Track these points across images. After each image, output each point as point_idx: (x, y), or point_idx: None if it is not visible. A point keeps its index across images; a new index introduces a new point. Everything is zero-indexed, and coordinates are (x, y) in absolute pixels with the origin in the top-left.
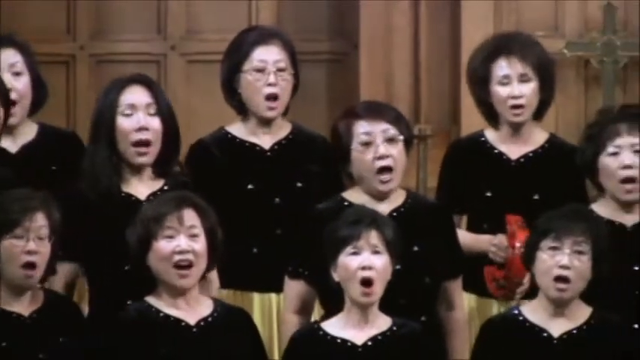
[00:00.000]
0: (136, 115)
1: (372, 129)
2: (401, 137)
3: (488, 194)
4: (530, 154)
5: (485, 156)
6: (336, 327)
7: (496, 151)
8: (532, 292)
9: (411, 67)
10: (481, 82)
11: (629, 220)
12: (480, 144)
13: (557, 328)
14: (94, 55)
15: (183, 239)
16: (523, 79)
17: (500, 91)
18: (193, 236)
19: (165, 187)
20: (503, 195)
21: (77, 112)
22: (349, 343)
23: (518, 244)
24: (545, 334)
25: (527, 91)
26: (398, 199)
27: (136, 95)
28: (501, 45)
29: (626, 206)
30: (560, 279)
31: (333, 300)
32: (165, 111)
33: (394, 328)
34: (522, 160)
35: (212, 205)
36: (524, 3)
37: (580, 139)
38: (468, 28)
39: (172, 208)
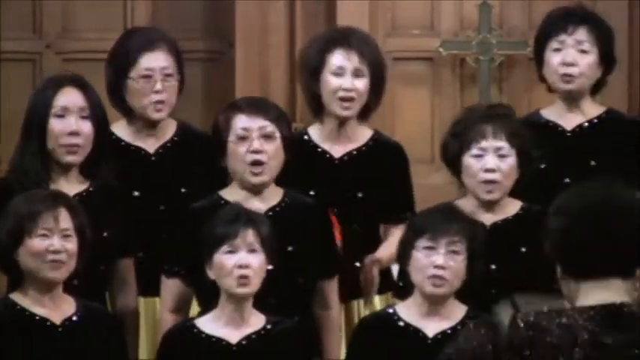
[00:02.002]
0: (69, 119)
1: (250, 124)
2: (278, 135)
3: (313, 192)
4: (354, 152)
5: (308, 155)
6: (210, 325)
7: (319, 149)
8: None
9: (286, 66)
10: (313, 71)
11: (488, 219)
12: (304, 142)
13: (431, 327)
14: None
15: (57, 239)
16: (357, 73)
17: (331, 81)
18: (66, 236)
19: (91, 189)
20: (327, 193)
21: None
22: (223, 342)
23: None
24: (419, 334)
25: (360, 86)
26: (274, 197)
27: (70, 97)
28: (341, 37)
29: (487, 205)
30: (435, 278)
31: (210, 298)
32: (97, 114)
33: (268, 327)
34: (346, 157)
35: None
36: (400, 2)
37: (445, 134)
38: None
39: (48, 207)
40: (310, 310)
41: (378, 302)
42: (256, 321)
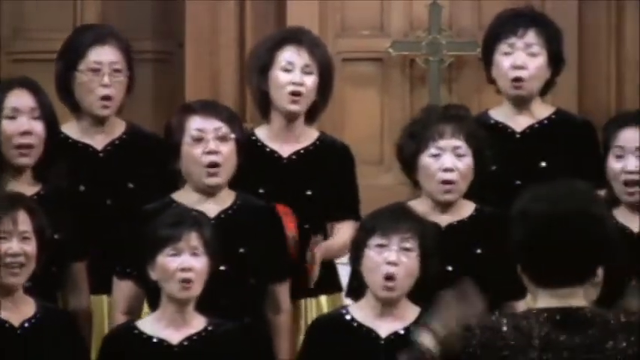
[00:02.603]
0: (20, 119)
1: (205, 125)
2: (233, 136)
3: (261, 191)
4: (302, 152)
5: (257, 153)
6: (151, 326)
7: (267, 149)
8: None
9: (236, 66)
10: (262, 69)
11: (443, 220)
12: (251, 142)
13: (385, 328)
14: None
15: (16, 242)
16: (306, 70)
17: (281, 76)
18: (25, 238)
19: (42, 192)
20: (276, 192)
21: None
22: (165, 343)
23: (287, 232)
24: (372, 335)
25: (309, 82)
26: (226, 200)
27: (20, 99)
28: (291, 35)
29: (442, 206)
30: (388, 277)
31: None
32: (48, 115)
33: (209, 328)
34: (294, 157)
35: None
36: (350, 3)
37: (401, 134)
38: None
39: (6, 209)
40: (262, 312)
41: (325, 303)
42: (198, 322)
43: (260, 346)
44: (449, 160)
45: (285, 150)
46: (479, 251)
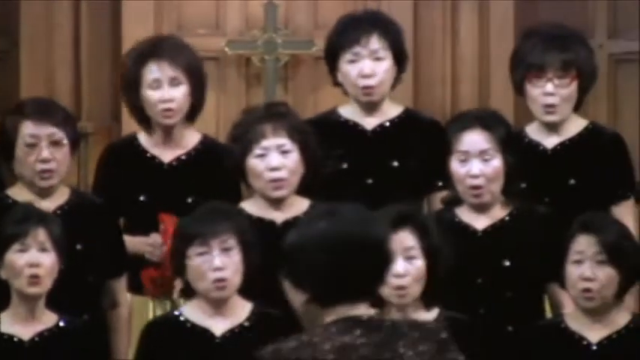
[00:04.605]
0: None
1: (38, 132)
2: (66, 141)
3: (142, 198)
4: (183, 157)
5: (138, 160)
6: (2, 323)
7: (149, 154)
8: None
9: (72, 65)
10: (132, 86)
11: (279, 217)
12: (133, 147)
13: (219, 327)
14: None
15: None
16: (173, 82)
17: (150, 95)
18: None
19: None
20: (157, 198)
21: None
22: (15, 339)
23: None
24: (208, 334)
25: (178, 95)
26: (62, 196)
27: None
28: (151, 49)
29: (275, 203)
30: (217, 281)
31: (5, 298)
32: None
33: (60, 324)
34: (175, 163)
35: None
36: (185, 2)
37: (227, 139)
38: (129, 26)
39: None
40: (100, 309)
41: None
42: (48, 318)
43: (96, 345)
44: (275, 159)
45: (167, 156)
46: None
